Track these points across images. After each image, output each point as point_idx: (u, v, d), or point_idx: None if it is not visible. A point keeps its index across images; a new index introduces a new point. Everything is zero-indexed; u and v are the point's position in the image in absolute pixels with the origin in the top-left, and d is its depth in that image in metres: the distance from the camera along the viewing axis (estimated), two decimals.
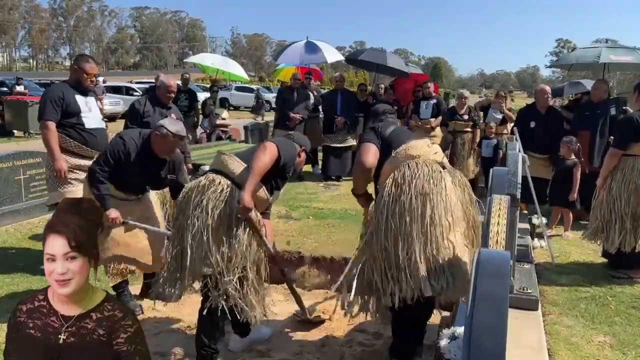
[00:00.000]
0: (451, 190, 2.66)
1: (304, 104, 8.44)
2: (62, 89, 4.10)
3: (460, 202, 2.70)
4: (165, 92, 4.86)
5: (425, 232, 2.56)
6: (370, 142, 2.93)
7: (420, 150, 2.78)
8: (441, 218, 2.57)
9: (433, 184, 2.61)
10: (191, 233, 2.83)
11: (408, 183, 2.62)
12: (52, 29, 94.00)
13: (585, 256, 4.78)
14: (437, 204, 2.58)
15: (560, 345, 3.11)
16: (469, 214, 2.75)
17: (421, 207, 2.57)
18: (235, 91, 30.46)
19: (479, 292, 1.54)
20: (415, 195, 2.59)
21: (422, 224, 2.56)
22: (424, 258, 2.56)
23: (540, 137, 5.91)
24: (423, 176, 2.63)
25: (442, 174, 2.68)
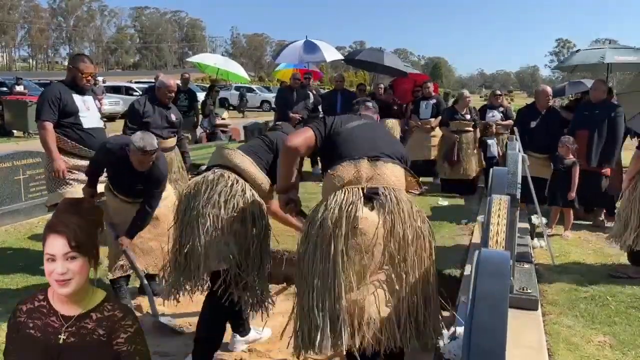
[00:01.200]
0: (371, 227, 2.21)
1: (304, 104, 8.44)
2: (59, 89, 4.07)
3: (386, 243, 2.23)
4: (164, 92, 4.88)
5: (331, 274, 2.17)
6: (309, 127, 2.61)
7: (349, 172, 2.38)
8: (347, 262, 2.17)
9: (346, 221, 2.20)
10: (204, 229, 2.75)
11: (324, 219, 2.25)
12: (51, 29, 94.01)
13: (585, 256, 4.78)
14: (344, 245, 2.18)
15: (560, 345, 3.11)
16: (400, 257, 2.25)
17: (325, 250, 2.20)
18: (235, 91, 30.48)
19: (479, 292, 1.54)
20: (322, 235, 2.23)
21: (330, 265, 2.18)
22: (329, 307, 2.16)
23: (541, 137, 5.91)
24: (333, 211, 2.24)
25: (360, 207, 2.24)
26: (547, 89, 6.45)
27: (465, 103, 7.78)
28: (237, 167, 2.91)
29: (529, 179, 4.44)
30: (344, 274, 2.16)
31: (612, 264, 4.59)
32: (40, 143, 4.07)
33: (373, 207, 2.27)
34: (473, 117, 7.68)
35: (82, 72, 4.09)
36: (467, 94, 8.14)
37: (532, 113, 6.30)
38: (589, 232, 5.52)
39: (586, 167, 5.66)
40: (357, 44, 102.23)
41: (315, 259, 2.21)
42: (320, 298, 2.16)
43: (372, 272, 2.21)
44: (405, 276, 2.24)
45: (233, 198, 2.79)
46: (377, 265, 2.22)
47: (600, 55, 6.73)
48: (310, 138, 2.55)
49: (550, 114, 6.23)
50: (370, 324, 2.17)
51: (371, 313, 2.17)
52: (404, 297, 2.24)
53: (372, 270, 2.21)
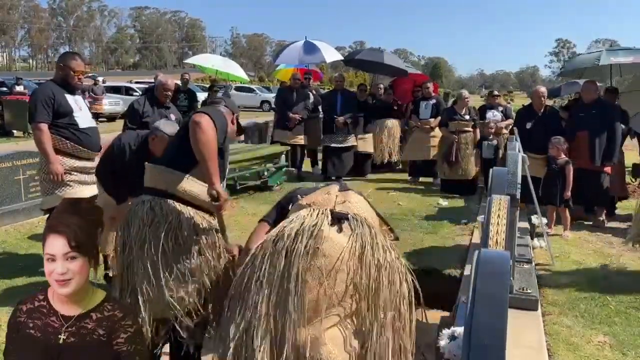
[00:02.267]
0: (335, 251, 1.90)
1: (304, 104, 8.45)
2: (51, 89, 3.94)
3: (353, 270, 1.90)
4: (162, 91, 4.85)
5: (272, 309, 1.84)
6: (263, 220, 2.44)
7: (317, 198, 2.15)
8: (302, 290, 1.83)
9: (301, 241, 1.90)
10: (144, 271, 2.32)
11: (270, 240, 1.99)
12: (51, 29, 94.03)
13: (585, 256, 4.78)
14: (299, 268, 1.86)
15: (560, 345, 3.11)
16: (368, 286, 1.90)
17: (277, 273, 1.88)
18: (235, 91, 30.49)
19: (479, 292, 1.54)
20: (273, 256, 1.92)
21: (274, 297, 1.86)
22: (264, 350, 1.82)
23: (538, 137, 5.93)
24: (291, 230, 1.96)
25: (324, 227, 1.95)
26: (540, 89, 6.48)
27: (464, 103, 7.80)
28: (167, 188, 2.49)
29: (529, 179, 4.44)
30: (297, 300, 1.81)
31: (612, 263, 4.60)
32: (36, 145, 3.93)
33: (341, 229, 1.98)
34: (472, 117, 7.69)
35: (74, 71, 3.96)
36: (466, 94, 8.16)
37: (529, 114, 6.35)
38: (589, 232, 5.52)
39: (587, 167, 5.68)
40: (357, 44, 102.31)
41: (264, 278, 1.89)
42: (262, 324, 1.82)
43: (330, 304, 1.84)
44: (374, 317, 1.87)
45: (173, 228, 2.38)
46: (337, 297, 1.86)
47: (596, 57, 6.74)
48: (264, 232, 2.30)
49: (547, 114, 6.26)
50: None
51: (323, 353, 1.81)
52: (371, 344, 1.86)
53: (331, 301, 1.85)
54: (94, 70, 69.70)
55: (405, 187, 8.01)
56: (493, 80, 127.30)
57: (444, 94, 24.84)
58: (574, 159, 5.75)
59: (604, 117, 5.70)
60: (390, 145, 8.96)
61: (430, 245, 5.17)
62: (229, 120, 2.62)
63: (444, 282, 4.34)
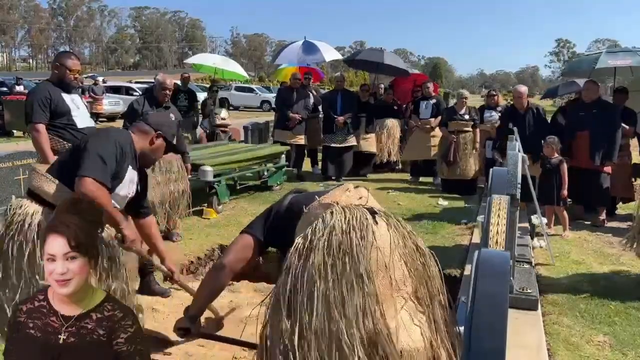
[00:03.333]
0: (385, 242, 1.91)
1: (304, 104, 8.45)
2: (47, 89, 3.91)
3: (401, 257, 1.95)
4: (160, 90, 4.85)
5: (349, 303, 1.79)
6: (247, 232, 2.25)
7: (339, 197, 2.10)
8: (373, 282, 1.82)
9: (356, 236, 1.88)
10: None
11: (319, 239, 1.88)
12: (51, 29, 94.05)
13: (585, 256, 4.78)
14: (365, 261, 1.83)
15: (560, 345, 3.11)
16: (417, 269, 1.99)
17: (340, 269, 1.82)
18: (235, 91, 30.50)
19: (479, 292, 1.54)
20: (330, 252, 1.84)
21: (342, 293, 1.80)
22: (354, 341, 1.76)
23: (522, 136, 5.95)
24: (340, 226, 1.90)
25: (370, 221, 1.95)
26: (520, 88, 6.52)
27: (463, 103, 7.80)
28: (47, 197, 2.54)
29: (529, 179, 4.45)
30: (372, 295, 1.80)
31: (612, 264, 4.60)
32: (33, 146, 3.89)
33: (376, 222, 1.97)
34: (472, 117, 7.69)
35: (69, 69, 3.93)
36: (466, 94, 8.16)
37: (512, 114, 6.41)
38: (589, 232, 5.52)
39: (587, 167, 5.68)
40: (357, 44, 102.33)
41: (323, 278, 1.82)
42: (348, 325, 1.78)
43: (395, 292, 1.87)
44: (430, 294, 1.96)
45: None
46: (398, 283, 1.90)
47: (594, 60, 6.74)
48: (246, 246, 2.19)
49: (530, 113, 6.28)
50: (404, 355, 1.82)
51: (402, 340, 1.83)
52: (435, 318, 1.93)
53: (394, 288, 1.88)
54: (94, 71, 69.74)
55: (405, 187, 8.01)
56: (493, 80, 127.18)
57: (444, 94, 24.82)
58: (573, 159, 5.76)
59: (605, 117, 5.70)
60: (390, 145, 8.96)
61: (430, 245, 5.14)
62: (142, 142, 2.68)
63: (443, 282, 4.33)
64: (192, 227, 5.58)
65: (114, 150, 2.49)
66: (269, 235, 2.20)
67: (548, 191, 5.42)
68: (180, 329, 2.33)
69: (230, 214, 6.15)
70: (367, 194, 2.18)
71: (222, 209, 6.21)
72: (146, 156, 2.75)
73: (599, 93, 6.00)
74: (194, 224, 5.68)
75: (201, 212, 5.98)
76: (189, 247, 4.95)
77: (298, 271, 1.85)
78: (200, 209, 6.03)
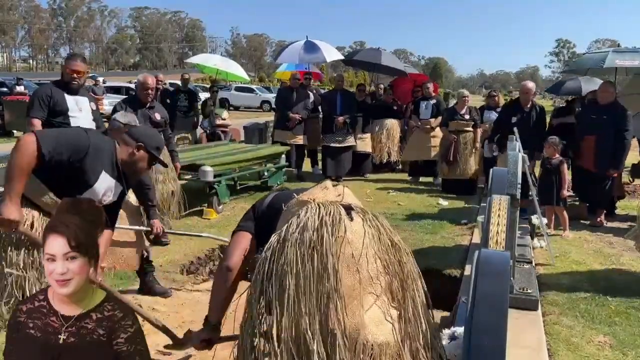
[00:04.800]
0: (357, 238, 1.95)
1: (304, 104, 8.45)
2: (50, 88, 4.08)
3: (375, 253, 1.97)
4: (142, 90, 4.84)
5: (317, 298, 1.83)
6: (243, 230, 2.28)
7: (316, 194, 2.14)
8: (341, 278, 1.85)
9: (327, 232, 1.91)
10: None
11: (292, 236, 1.92)
12: (51, 29, 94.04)
13: (585, 256, 4.78)
14: (333, 257, 1.86)
15: (560, 345, 3.11)
16: (392, 265, 1.99)
17: (309, 265, 1.85)
18: (235, 91, 30.50)
19: (479, 292, 1.54)
20: (301, 249, 1.88)
21: (310, 288, 1.84)
22: (316, 338, 1.80)
23: (521, 132, 5.95)
24: (313, 222, 1.94)
25: (343, 217, 1.98)
26: (527, 85, 6.50)
27: (464, 102, 7.80)
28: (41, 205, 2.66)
29: (529, 178, 4.45)
30: (337, 290, 1.83)
31: (612, 263, 4.60)
32: None
33: (352, 218, 2.00)
34: (473, 117, 7.70)
35: (70, 70, 4.07)
36: (466, 93, 8.16)
37: (515, 108, 6.39)
38: (589, 232, 5.51)
39: (593, 170, 5.68)
40: (357, 44, 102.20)
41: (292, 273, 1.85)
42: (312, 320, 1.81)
43: (364, 287, 1.90)
44: (403, 290, 1.96)
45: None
46: (370, 278, 1.91)
47: (601, 58, 6.71)
48: (248, 242, 2.23)
49: (532, 110, 6.28)
50: (368, 349, 1.84)
51: (367, 336, 1.85)
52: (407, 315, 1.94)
53: (365, 284, 1.90)
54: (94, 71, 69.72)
55: (405, 187, 8.01)
56: (493, 81, 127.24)
57: (444, 94, 24.84)
58: (579, 161, 5.76)
59: (615, 124, 5.61)
60: (390, 145, 8.96)
61: (430, 245, 5.17)
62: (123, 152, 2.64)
63: (444, 282, 4.33)
64: (192, 227, 5.58)
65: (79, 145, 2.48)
66: (258, 232, 2.24)
67: (548, 191, 5.43)
68: (203, 341, 2.32)
69: (230, 214, 6.15)
70: (345, 190, 2.19)
71: (222, 209, 6.21)
72: (128, 167, 2.71)
73: (614, 96, 5.88)
74: (194, 224, 5.68)
75: (201, 212, 5.98)
76: (189, 247, 4.95)
77: (271, 267, 1.89)
78: (200, 209, 6.03)
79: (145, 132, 2.80)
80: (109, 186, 2.66)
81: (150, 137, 2.75)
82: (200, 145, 8.89)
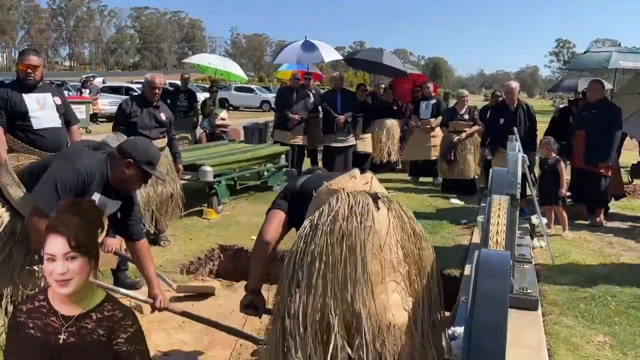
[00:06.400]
0: (383, 227, 2.07)
1: (304, 104, 8.44)
2: (7, 91, 3.82)
3: (398, 242, 2.11)
4: (149, 90, 4.75)
5: (342, 284, 1.96)
6: (278, 208, 2.45)
7: (345, 183, 2.27)
8: (366, 265, 1.98)
9: (356, 221, 2.04)
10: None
11: (324, 224, 2.05)
12: (51, 29, 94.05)
13: (585, 256, 4.78)
14: (361, 246, 1.99)
15: (560, 345, 3.11)
16: (412, 254, 2.14)
17: (338, 252, 1.99)
18: (235, 91, 30.49)
19: (479, 292, 1.54)
20: (332, 236, 2.01)
21: (337, 274, 1.97)
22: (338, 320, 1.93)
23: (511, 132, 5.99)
24: (343, 211, 2.07)
25: (371, 206, 2.10)
26: (511, 84, 6.51)
27: (463, 102, 7.81)
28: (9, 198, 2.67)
29: (528, 178, 4.45)
30: (364, 275, 1.96)
31: (612, 263, 4.60)
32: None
33: (378, 207, 2.12)
34: (472, 116, 7.70)
35: (22, 65, 3.83)
36: (465, 93, 8.17)
37: (502, 109, 6.43)
38: (589, 232, 5.52)
39: (583, 167, 5.70)
40: (357, 44, 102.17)
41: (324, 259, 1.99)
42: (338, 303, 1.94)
43: (388, 274, 2.03)
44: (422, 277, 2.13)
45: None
46: (393, 266, 2.06)
47: (605, 58, 6.72)
48: (282, 220, 2.41)
49: (519, 110, 6.29)
50: (390, 330, 1.97)
51: (390, 318, 1.98)
52: (421, 299, 2.09)
53: (388, 271, 2.04)
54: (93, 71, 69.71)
55: (405, 187, 8.01)
56: (493, 81, 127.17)
57: (444, 94, 24.83)
58: (571, 160, 5.76)
59: (604, 118, 5.68)
60: (390, 145, 8.96)
61: (430, 245, 5.16)
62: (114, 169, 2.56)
63: (443, 282, 4.32)
64: (192, 227, 5.58)
65: (74, 183, 2.43)
66: (291, 211, 2.41)
67: (547, 191, 5.43)
68: (247, 307, 2.47)
69: (230, 214, 6.15)
70: (372, 179, 2.36)
71: (222, 209, 6.21)
72: (120, 185, 2.60)
73: (603, 93, 5.97)
74: (194, 224, 5.68)
75: (201, 212, 5.98)
76: (189, 247, 4.95)
77: (303, 251, 2.04)
78: (200, 209, 6.03)
79: (135, 146, 2.60)
80: (101, 204, 2.56)
81: (140, 151, 2.56)
82: (200, 145, 8.90)
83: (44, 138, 3.86)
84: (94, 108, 18.11)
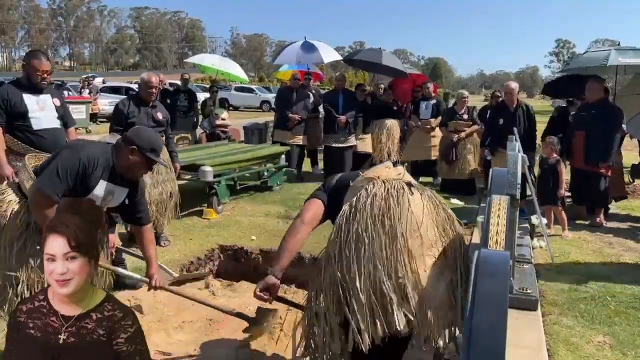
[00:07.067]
0: (418, 209, 2.26)
1: (304, 104, 8.44)
2: (7, 90, 3.83)
3: (433, 222, 2.29)
4: (146, 89, 4.75)
5: (388, 257, 2.15)
6: (317, 198, 2.55)
7: (380, 172, 2.45)
8: (407, 240, 2.16)
9: (394, 202, 2.23)
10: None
11: (364, 205, 2.24)
12: (51, 29, 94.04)
13: (584, 256, 4.78)
14: (400, 223, 2.18)
15: (560, 345, 3.11)
16: (446, 234, 2.32)
17: (380, 229, 2.17)
18: (235, 91, 30.49)
19: (479, 292, 1.54)
20: (372, 215, 2.21)
21: (382, 248, 2.16)
22: (391, 288, 2.13)
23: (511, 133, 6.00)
24: (381, 194, 2.26)
25: (406, 190, 2.30)
26: (510, 85, 6.52)
27: (463, 103, 7.81)
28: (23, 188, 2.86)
29: (528, 179, 4.44)
30: (406, 249, 2.15)
31: (612, 263, 4.60)
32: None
33: (412, 192, 2.32)
34: (472, 117, 7.70)
35: (36, 70, 3.83)
36: (465, 94, 8.17)
37: (501, 110, 6.43)
38: (589, 232, 5.52)
39: (583, 167, 5.70)
40: (357, 44, 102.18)
41: (368, 239, 2.16)
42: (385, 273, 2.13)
43: (425, 250, 2.21)
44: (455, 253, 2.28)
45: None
46: (430, 242, 2.23)
47: (604, 57, 6.72)
48: (320, 207, 2.50)
49: (518, 110, 6.30)
50: (431, 299, 2.16)
51: (429, 289, 2.16)
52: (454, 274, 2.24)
53: (425, 247, 2.21)
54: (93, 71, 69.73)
55: None
56: (493, 81, 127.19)
57: (444, 94, 24.86)
58: (571, 160, 5.76)
59: (603, 118, 5.69)
60: (390, 146, 8.95)
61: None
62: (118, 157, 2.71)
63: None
64: (192, 227, 5.58)
65: (75, 167, 2.59)
66: (329, 203, 2.50)
67: (546, 191, 5.43)
68: (263, 291, 2.43)
69: (230, 214, 6.15)
70: (404, 170, 2.53)
71: (222, 209, 6.21)
72: (125, 172, 2.74)
73: (602, 93, 5.96)
74: (194, 224, 5.68)
75: (201, 212, 5.98)
76: (189, 247, 4.95)
77: (346, 231, 2.22)
78: (200, 209, 6.03)
79: (138, 134, 2.75)
80: (109, 191, 2.72)
81: (143, 139, 2.72)
82: (200, 145, 8.89)
83: (44, 139, 3.89)
84: (93, 108, 18.11)
